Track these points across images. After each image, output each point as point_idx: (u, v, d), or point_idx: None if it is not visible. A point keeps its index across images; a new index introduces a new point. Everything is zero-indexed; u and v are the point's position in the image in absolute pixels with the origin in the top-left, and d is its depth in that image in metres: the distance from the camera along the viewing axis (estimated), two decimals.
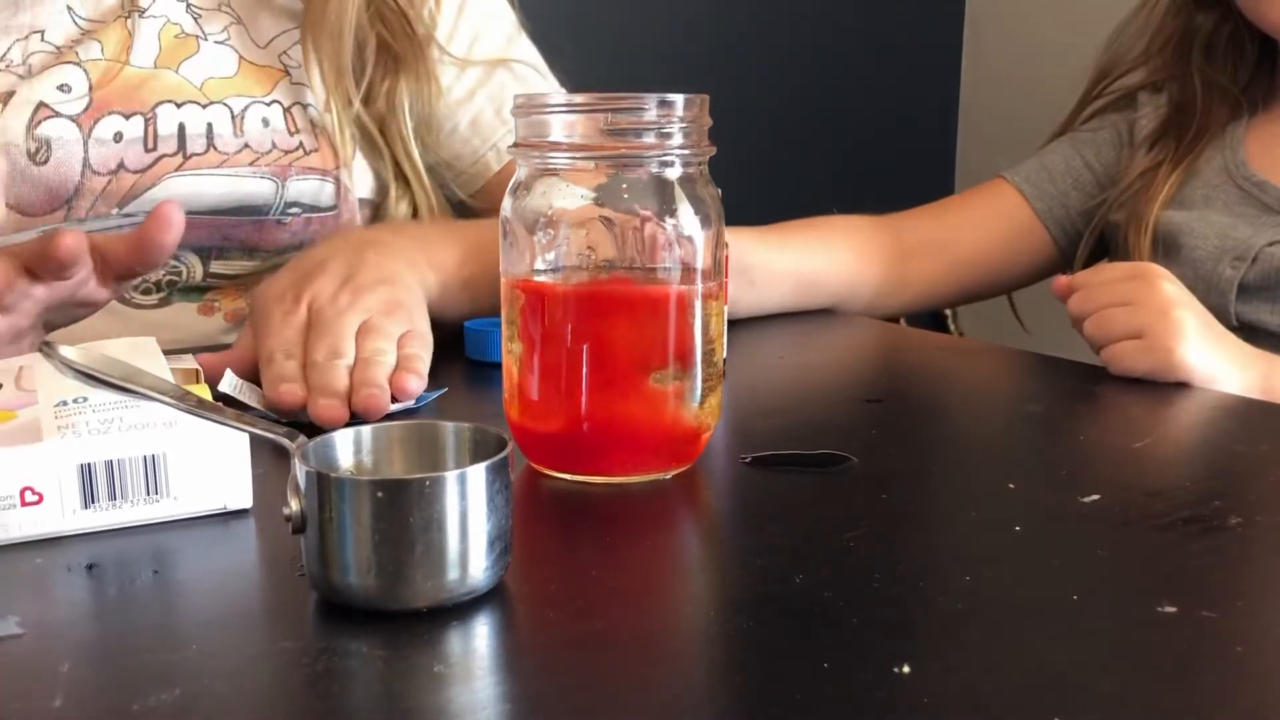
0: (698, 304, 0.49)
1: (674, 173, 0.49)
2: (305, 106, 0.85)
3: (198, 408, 0.40)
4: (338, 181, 0.84)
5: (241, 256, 0.82)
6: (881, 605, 0.39)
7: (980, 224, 0.99)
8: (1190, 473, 0.56)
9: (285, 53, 0.86)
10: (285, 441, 0.39)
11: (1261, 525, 0.46)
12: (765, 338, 0.82)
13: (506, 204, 0.51)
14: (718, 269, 0.51)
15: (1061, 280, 0.77)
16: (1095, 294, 0.73)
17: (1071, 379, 0.74)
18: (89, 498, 0.43)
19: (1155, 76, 1.00)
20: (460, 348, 0.75)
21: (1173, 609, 0.38)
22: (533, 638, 0.38)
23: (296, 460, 0.38)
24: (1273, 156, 0.92)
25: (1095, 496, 0.49)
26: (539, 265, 0.51)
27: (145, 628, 0.38)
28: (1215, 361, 0.70)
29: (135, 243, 0.62)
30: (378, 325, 0.62)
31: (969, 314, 1.25)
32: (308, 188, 0.83)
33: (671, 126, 0.49)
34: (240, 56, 0.84)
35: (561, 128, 0.50)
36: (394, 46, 0.86)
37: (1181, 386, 0.69)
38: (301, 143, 0.83)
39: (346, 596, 0.37)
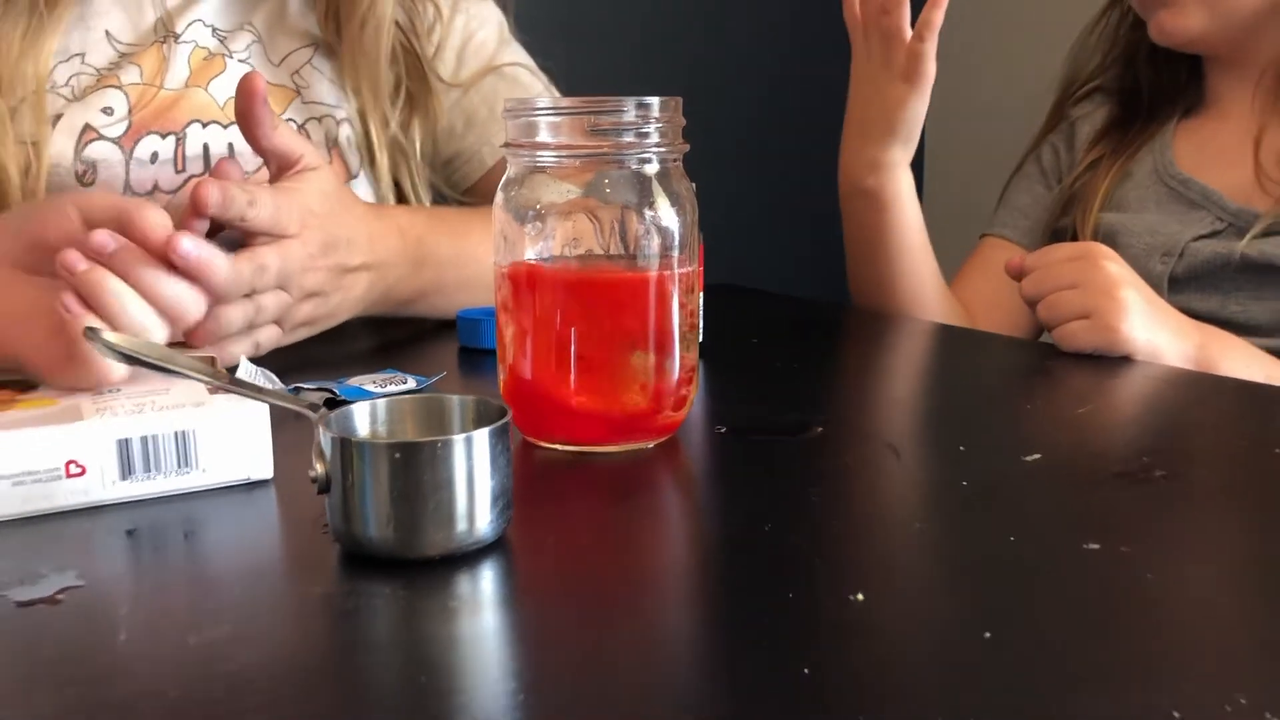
0: (675, 289, 0.54)
1: (652, 168, 0.54)
2: (320, 120, 0.90)
3: (229, 384, 0.45)
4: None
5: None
6: (840, 545, 0.45)
7: (991, 289, 0.99)
8: (1125, 435, 0.62)
9: (297, 72, 0.91)
10: (308, 412, 0.44)
11: (1183, 478, 0.52)
12: (742, 323, 0.87)
13: (499, 199, 0.56)
14: (693, 256, 0.56)
15: (1014, 262, 0.82)
16: (1045, 276, 0.79)
17: (1025, 356, 0.80)
18: (126, 470, 0.48)
19: (1107, 84, 1.06)
20: (454, 336, 0.80)
21: (1096, 546, 0.43)
22: (531, 580, 0.43)
23: (320, 428, 0.42)
24: (1198, 156, 0.98)
25: (1036, 455, 0.54)
26: (529, 255, 0.55)
27: (189, 579, 0.43)
28: (1157, 335, 0.76)
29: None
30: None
31: None
32: None
33: (649, 127, 0.53)
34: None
35: (548, 129, 0.54)
36: (410, 86, 0.92)
37: (1126, 360, 0.75)
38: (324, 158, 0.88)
39: (368, 548, 0.42)
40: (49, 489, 0.47)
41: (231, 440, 0.50)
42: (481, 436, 0.42)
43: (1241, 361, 0.78)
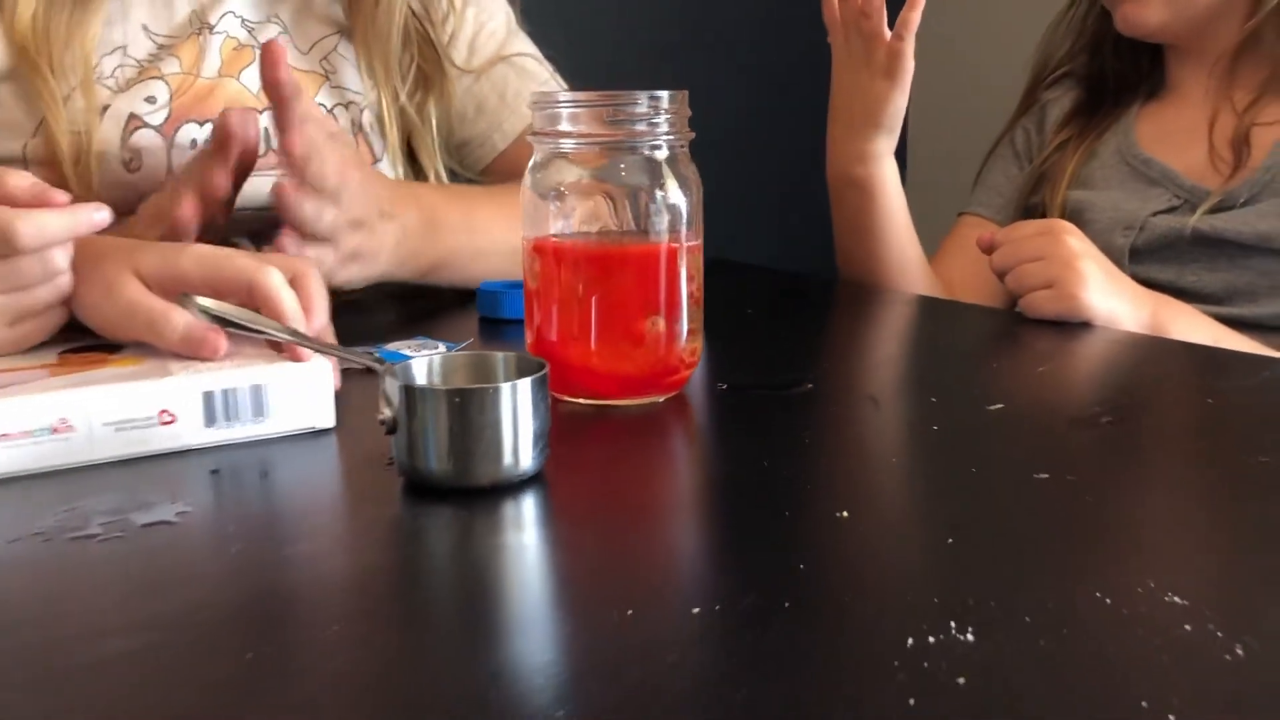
0: (684, 261, 0.62)
1: (661, 154, 0.61)
2: (346, 106, 0.97)
3: (306, 341, 0.52)
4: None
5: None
6: (828, 477, 0.52)
7: (968, 263, 1.06)
8: (1079, 389, 0.69)
9: (325, 58, 0.97)
10: (376, 365, 0.52)
11: (1127, 423, 0.60)
12: (737, 295, 0.94)
13: (526, 180, 0.63)
14: (699, 233, 0.63)
15: (984, 236, 0.90)
16: (1013, 250, 0.86)
17: (995, 323, 0.87)
18: (209, 418, 0.55)
19: (1075, 70, 1.14)
20: (473, 309, 0.87)
21: (1045, 475, 0.51)
22: (566, 504, 0.50)
23: (388, 378, 0.50)
24: (1159, 137, 1.06)
25: (999, 405, 0.62)
26: (553, 230, 0.63)
27: (277, 507, 0.50)
28: (1114, 303, 0.84)
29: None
30: None
31: None
32: None
33: (659, 117, 0.61)
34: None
35: (570, 119, 0.62)
36: (425, 68, 0.99)
37: (1086, 325, 0.83)
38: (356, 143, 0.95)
39: (429, 479, 0.49)
40: (145, 434, 0.54)
41: (299, 393, 0.57)
42: (525, 385, 0.49)
43: (1190, 326, 0.86)
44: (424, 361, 0.53)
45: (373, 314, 0.84)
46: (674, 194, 0.62)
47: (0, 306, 0.57)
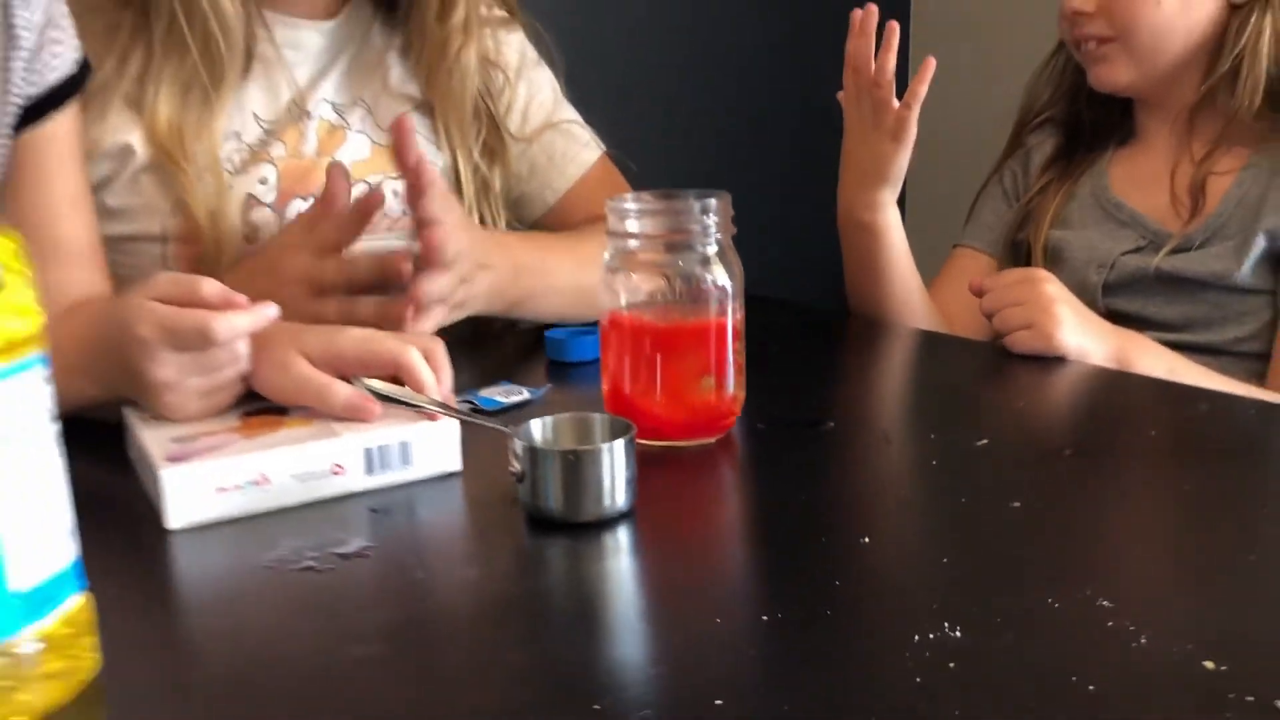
0: (729, 333, 0.77)
1: (712, 249, 0.77)
2: None
3: (440, 406, 0.68)
4: None
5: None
6: (850, 508, 0.68)
7: (963, 294, 1.15)
8: (1049, 424, 0.85)
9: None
10: (505, 429, 0.67)
11: (1085, 456, 0.75)
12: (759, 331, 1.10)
13: (604, 262, 0.79)
14: (741, 307, 0.79)
15: (974, 282, 1.05)
16: (998, 296, 1.02)
17: (984, 358, 1.03)
18: (369, 468, 0.71)
19: (1056, 116, 1.29)
20: (539, 353, 1.03)
21: (1018, 504, 0.67)
22: (652, 533, 0.66)
23: (516, 440, 0.66)
24: (1128, 181, 1.21)
25: (985, 440, 0.77)
26: (624, 306, 0.78)
27: (434, 539, 0.66)
28: (1084, 341, 0.99)
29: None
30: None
31: None
32: None
33: (709, 219, 0.76)
34: (372, 141, 1.10)
35: (637, 220, 0.77)
36: (488, 137, 1.14)
37: (1060, 360, 0.98)
38: None
39: (548, 515, 0.65)
40: (321, 483, 0.70)
41: (435, 445, 0.73)
42: (619, 445, 0.65)
43: (1151, 358, 1.01)
44: (538, 424, 0.69)
45: (455, 360, 0.99)
46: (721, 278, 0.77)
47: (198, 385, 0.72)
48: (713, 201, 0.76)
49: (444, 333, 0.99)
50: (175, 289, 0.71)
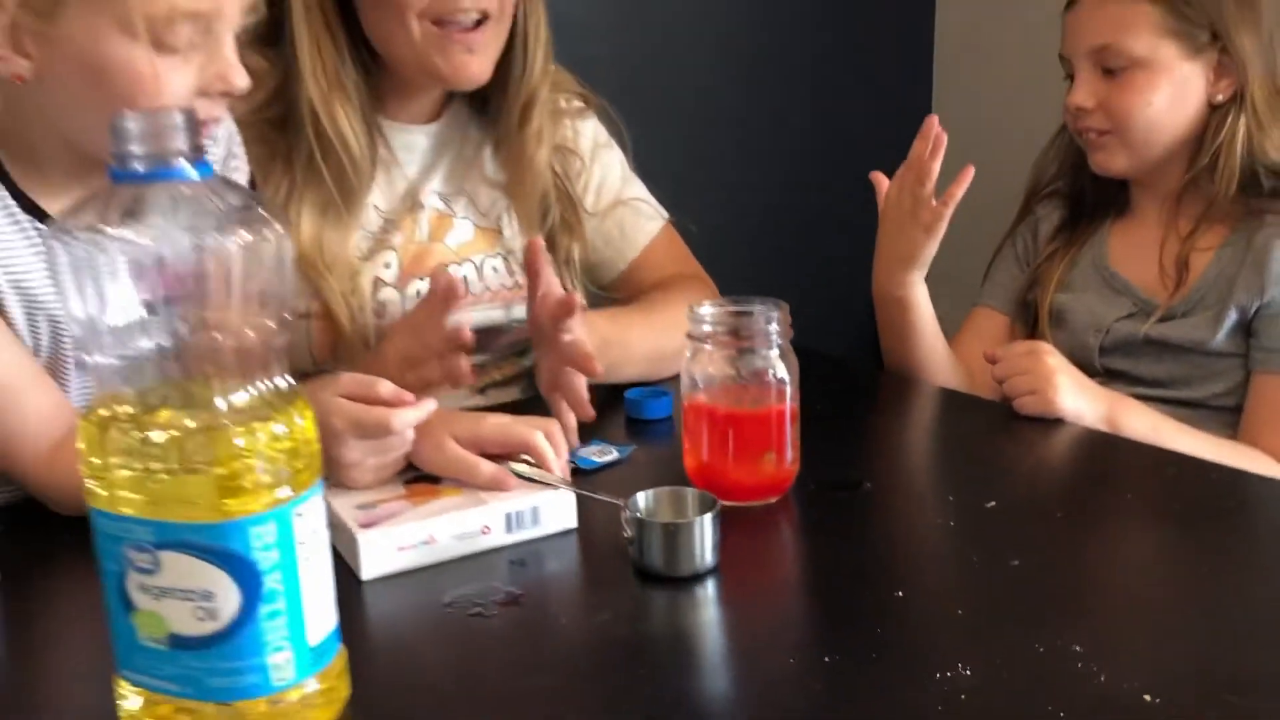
0: (788, 418, 0.97)
1: (774, 352, 0.96)
2: (511, 252, 1.31)
3: (560, 480, 0.89)
4: None
5: (479, 354, 1.28)
6: (887, 564, 0.88)
7: (988, 346, 1.35)
8: (1046, 487, 1.04)
9: (499, 216, 1.32)
10: (618, 502, 0.87)
11: (1074, 516, 0.94)
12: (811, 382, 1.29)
13: (685, 357, 0.98)
14: (797, 394, 0.98)
15: (989, 353, 1.24)
16: (1007, 365, 1.21)
17: (996, 418, 1.22)
18: (508, 528, 0.91)
19: (1061, 189, 1.47)
20: (619, 411, 1.22)
21: (1017, 562, 0.86)
22: (736, 583, 0.85)
23: (626, 511, 0.85)
24: (1124, 253, 1.39)
25: (993, 502, 0.97)
26: (701, 395, 0.97)
27: (567, 587, 0.86)
28: (1080, 404, 1.18)
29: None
30: None
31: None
32: (520, 310, 1.29)
33: (772, 327, 0.96)
34: (474, 225, 1.30)
35: (715, 327, 0.96)
36: (567, 216, 1.33)
37: (1059, 421, 1.17)
38: (517, 280, 1.29)
39: (653, 570, 0.85)
40: (473, 541, 0.90)
41: (556, 508, 0.92)
42: (708, 518, 0.85)
43: (1136, 418, 1.20)
44: (641, 498, 0.88)
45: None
46: (781, 372, 0.97)
47: (375, 464, 0.93)
48: (775, 312, 0.96)
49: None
50: (358, 388, 0.91)
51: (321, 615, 0.67)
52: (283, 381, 0.65)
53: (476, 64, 1.21)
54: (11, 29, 0.85)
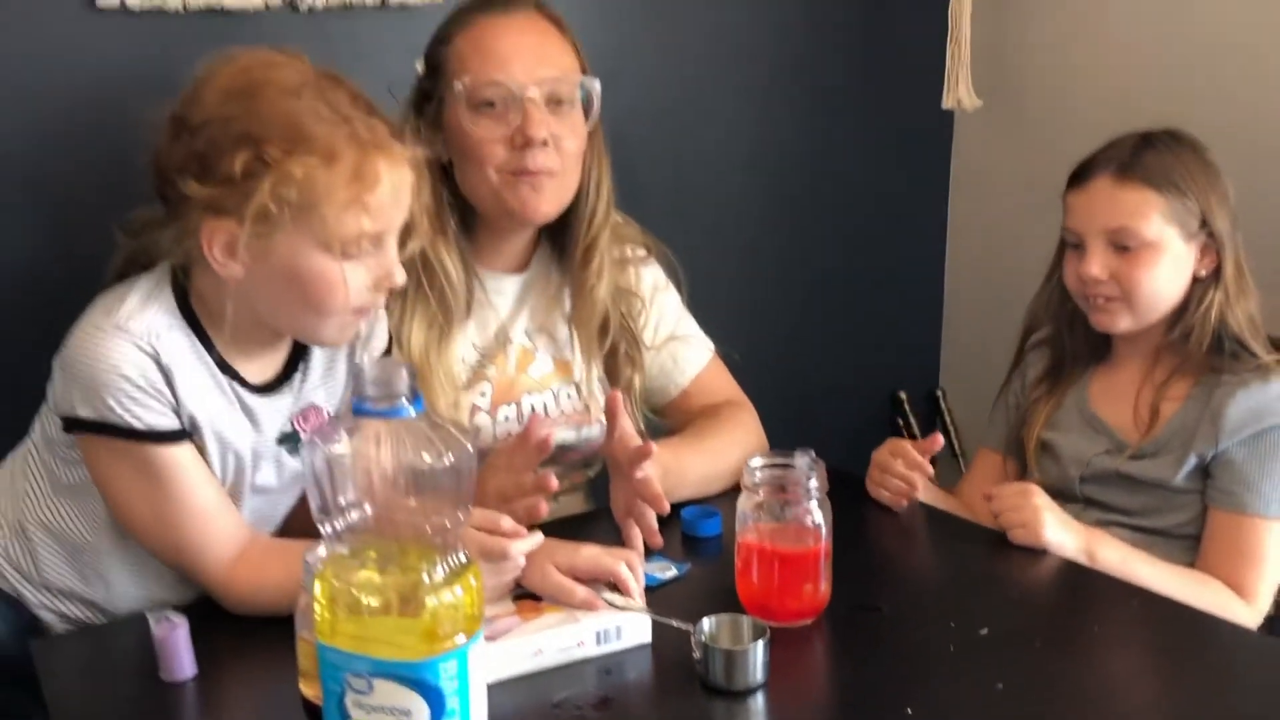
0: (823, 554, 1.20)
1: (813, 503, 1.19)
2: (580, 383, 1.55)
3: (638, 606, 1.12)
4: (601, 425, 1.55)
5: (551, 465, 1.50)
6: (898, 683, 1.10)
7: (988, 485, 1.59)
8: (1028, 616, 1.27)
9: (569, 348, 1.56)
10: (686, 626, 1.10)
11: (1050, 646, 1.17)
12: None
13: (740, 503, 1.21)
14: (829, 534, 1.21)
15: (985, 492, 1.48)
16: (1001, 503, 1.44)
17: (992, 545, 1.44)
18: (598, 641, 1.14)
19: (1048, 337, 1.70)
20: (676, 527, 1.45)
21: (1001, 686, 1.09)
22: (779, 692, 1.08)
23: (695, 636, 1.08)
24: (1104, 395, 1.62)
25: (985, 630, 1.19)
26: (752, 533, 1.21)
27: (649, 693, 1.09)
28: (1062, 537, 1.41)
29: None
30: None
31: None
32: (589, 430, 1.53)
33: (811, 482, 1.19)
34: (553, 358, 1.54)
35: (758, 476, 1.20)
36: (630, 353, 1.57)
37: (1044, 552, 1.40)
38: (587, 405, 1.53)
39: (716, 685, 1.08)
40: (570, 652, 1.13)
41: (635, 625, 1.15)
42: (760, 645, 1.08)
43: (1109, 550, 1.42)
44: (707, 623, 1.11)
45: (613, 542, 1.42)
46: (818, 518, 1.20)
47: (493, 584, 1.16)
48: (813, 469, 1.19)
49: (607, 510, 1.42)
50: (487, 522, 1.14)
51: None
52: (461, 555, 0.88)
53: (542, 201, 1.45)
54: (231, 242, 1.09)
